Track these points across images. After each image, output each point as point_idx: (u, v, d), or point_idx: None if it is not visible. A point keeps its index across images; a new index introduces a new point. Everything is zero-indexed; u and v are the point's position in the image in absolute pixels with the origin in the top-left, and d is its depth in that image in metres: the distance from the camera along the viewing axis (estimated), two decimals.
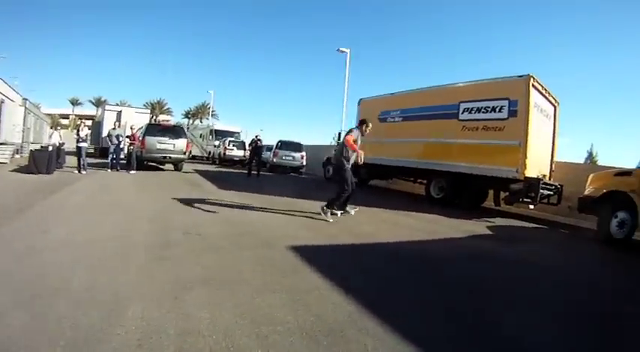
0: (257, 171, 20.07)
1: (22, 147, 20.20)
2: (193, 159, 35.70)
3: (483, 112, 12.36)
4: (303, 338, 2.99)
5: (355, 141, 8.25)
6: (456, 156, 12.92)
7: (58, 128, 20.71)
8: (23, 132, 25.77)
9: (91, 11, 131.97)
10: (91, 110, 62.13)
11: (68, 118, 76.35)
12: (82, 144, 16.20)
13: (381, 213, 9.90)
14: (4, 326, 2.87)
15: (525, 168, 11.24)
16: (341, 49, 28.54)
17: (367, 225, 8.37)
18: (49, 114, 61.34)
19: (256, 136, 20.59)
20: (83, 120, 18.58)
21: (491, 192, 13.35)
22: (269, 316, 3.34)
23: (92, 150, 26.09)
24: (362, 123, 8.84)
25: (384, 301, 3.94)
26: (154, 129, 19.50)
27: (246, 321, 3.23)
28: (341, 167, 8.39)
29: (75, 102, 78.57)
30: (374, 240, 6.92)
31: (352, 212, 8.89)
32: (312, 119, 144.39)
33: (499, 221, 11.36)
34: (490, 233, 9.16)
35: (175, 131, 20.00)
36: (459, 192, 13.19)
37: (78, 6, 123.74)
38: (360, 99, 18.62)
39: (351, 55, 28.30)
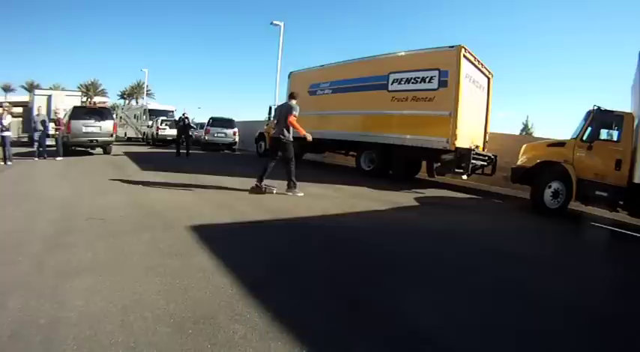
0: (186, 150, 19.99)
1: None
2: (129, 141, 35.17)
3: (413, 83, 12.68)
4: (169, 325, 2.99)
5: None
6: (386, 127, 13.26)
7: None
8: None
9: None
10: (24, 96, 59.47)
11: (1, 106, 71.83)
12: (5, 134, 15.32)
13: (306, 187, 9.69)
14: None
15: (456, 138, 11.63)
16: (275, 22, 28.56)
17: (285, 200, 8.50)
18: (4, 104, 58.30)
19: (183, 114, 20.51)
20: (4, 107, 17.58)
21: (424, 164, 13.70)
22: (142, 302, 3.38)
23: (26, 139, 24.96)
24: (292, 97, 9.06)
25: (272, 283, 3.98)
26: (80, 112, 18.90)
27: (117, 308, 3.24)
28: (286, 142, 8.80)
29: (7, 89, 74.26)
30: (285, 216, 7.05)
31: (274, 190, 9.02)
32: (248, 94, 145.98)
33: (430, 192, 11.83)
34: (416, 204, 9.55)
35: (101, 113, 19.47)
36: (390, 164, 13.50)
37: None
38: (291, 72, 18.73)
39: (285, 28, 28.62)
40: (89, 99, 58.24)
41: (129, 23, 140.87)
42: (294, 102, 8.91)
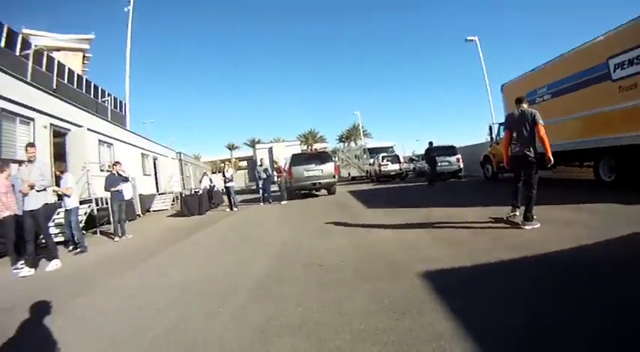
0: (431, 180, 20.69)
1: (181, 194, 22.74)
2: (353, 180, 37.32)
3: (637, 64, 9.75)
4: None
5: None
6: (619, 125, 10.42)
7: (207, 173, 22.83)
8: (183, 181, 29.97)
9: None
10: (247, 152, 68.70)
11: (230, 162, 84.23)
12: (229, 184, 18.12)
13: (546, 211, 8.09)
14: None
15: None
16: (468, 38, 28.01)
17: (524, 232, 6.82)
18: (210, 162, 69.95)
19: (430, 143, 21.54)
20: (226, 163, 20.60)
21: None
22: None
23: (254, 187, 28.29)
24: (521, 101, 7.61)
25: None
26: (299, 158, 20.51)
27: None
28: (532, 161, 7.20)
29: (232, 147, 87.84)
30: (537, 252, 5.36)
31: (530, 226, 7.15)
32: (462, 119, 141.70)
33: None
34: None
35: (321, 156, 20.77)
36: (634, 171, 10.52)
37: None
38: (502, 85, 16.82)
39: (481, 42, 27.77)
40: (310, 147, 63.30)
41: (339, 70, 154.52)
42: (527, 107, 7.50)
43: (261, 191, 19.68)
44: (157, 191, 24.32)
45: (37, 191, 7.44)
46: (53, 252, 7.87)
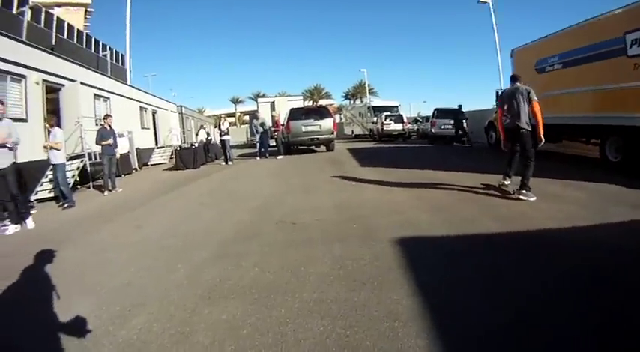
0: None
1: (180, 147, 22.51)
2: (356, 138, 36.82)
3: None
4: None
5: None
6: (629, 105, 9.84)
7: (204, 126, 22.44)
8: (184, 134, 29.47)
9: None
10: (252, 106, 67.77)
11: (234, 116, 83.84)
12: (224, 138, 17.71)
13: (544, 185, 7.72)
14: None
15: None
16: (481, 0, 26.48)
17: (517, 204, 6.47)
18: (215, 116, 69.22)
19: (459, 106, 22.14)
20: (223, 116, 20.27)
21: None
22: None
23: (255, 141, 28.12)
24: (516, 79, 7.64)
25: None
26: (298, 112, 19.79)
27: None
28: (526, 133, 7.22)
29: (236, 101, 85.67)
30: (520, 228, 4.95)
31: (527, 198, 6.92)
32: (470, 83, 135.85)
33: None
34: None
35: (320, 112, 20.04)
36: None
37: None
38: (513, 49, 15.78)
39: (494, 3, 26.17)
40: (314, 103, 62.75)
41: (347, 25, 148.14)
42: (521, 84, 7.48)
43: (258, 145, 19.31)
44: (156, 145, 23.88)
45: (9, 149, 7.14)
46: (21, 212, 7.53)
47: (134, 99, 21.29)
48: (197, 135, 21.17)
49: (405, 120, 29.69)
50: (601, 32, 10.89)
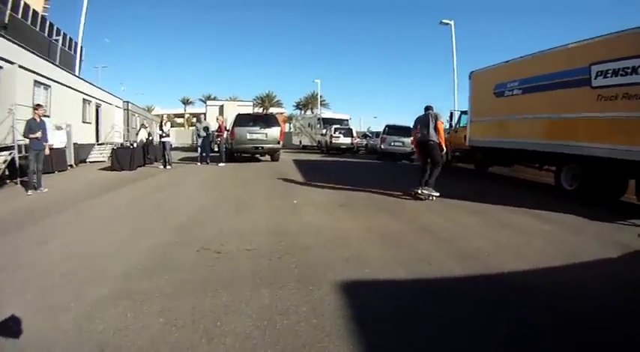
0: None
1: (121, 145, 21.12)
2: (304, 148, 36.26)
3: (622, 75, 9.09)
4: None
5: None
6: (591, 134, 9.83)
7: (145, 124, 21.12)
8: (128, 132, 27.96)
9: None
10: (202, 108, 66.58)
11: (183, 117, 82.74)
12: (165, 140, 16.39)
13: (501, 213, 7.61)
14: None
15: None
16: (444, 21, 26.77)
17: (480, 234, 5.97)
18: (164, 115, 66.91)
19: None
20: (166, 115, 18.91)
21: (632, 183, 9.78)
22: None
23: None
24: (428, 108, 9.49)
25: None
26: (244, 119, 18.90)
27: None
28: (432, 144, 9.04)
29: (186, 102, 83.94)
30: (487, 268, 4.36)
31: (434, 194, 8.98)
32: (423, 102, 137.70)
33: None
34: None
35: (267, 120, 19.26)
36: (598, 183, 10.07)
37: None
38: (471, 72, 15.77)
39: (457, 26, 26.87)
40: (265, 110, 62.25)
41: (304, 35, 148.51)
42: (432, 112, 9.32)
43: (199, 149, 18.23)
44: (97, 141, 22.00)
45: None
46: None
47: (78, 90, 19.56)
48: (137, 134, 19.79)
49: (355, 134, 29.36)
50: (566, 61, 10.83)
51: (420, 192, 9.00)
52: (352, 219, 6.63)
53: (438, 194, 8.80)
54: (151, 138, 19.66)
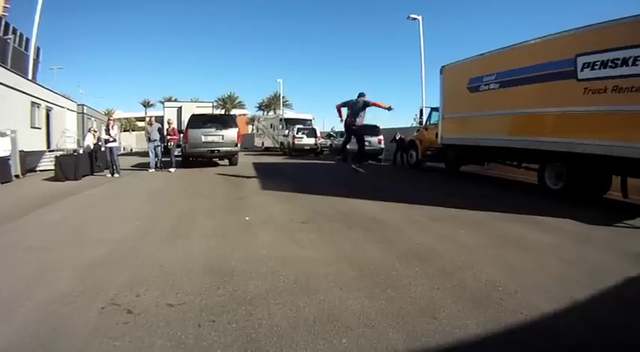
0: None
1: (74, 152, 19.28)
2: (266, 151, 34.90)
3: (612, 67, 8.52)
4: None
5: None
6: (578, 130, 9.25)
7: (92, 130, 19.27)
8: (84, 137, 25.59)
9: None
10: (162, 111, 64.76)
11: (144, 121, 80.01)
12: (111, 145, 14.59)
13: (496, 225, 6.67)
14: None
15: None
16: (412, 16, 25.95)
17: (483, 258, 4.82)
18: (125, 119, 64.53)
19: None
20: (111, 119, 17.21)
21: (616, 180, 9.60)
22: None
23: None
24: (360, 95, 10.83)
25: None
26: (198, 120, 17.51)
27: None
28: (356, 128, 10.81)
29: (147, 104, 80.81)
30: (514, 316, 3.15)
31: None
32: (390, 99, 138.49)
33: None
34: None
35: (223, 120, 18.08)
36: (584, 181, 9.51)
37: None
38: (443, 66, 15.06)
39: (425, 21, 26.01)
40: (226, 112, 61.15)
41: (265, 35, 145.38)
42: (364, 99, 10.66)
43: (151, 155, 16.32)
44: (48, 148, 20.06)
45: None
46: None
47: (26, 93, 17.68)
48: (84, 139, 17.95)
49: (318, 134, 28.31)
50: (549, 52, 10.15)
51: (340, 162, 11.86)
52: (319, 244, 5.26)
53: (363, 171, 10.92)
54: (99, 143, 17.94)
